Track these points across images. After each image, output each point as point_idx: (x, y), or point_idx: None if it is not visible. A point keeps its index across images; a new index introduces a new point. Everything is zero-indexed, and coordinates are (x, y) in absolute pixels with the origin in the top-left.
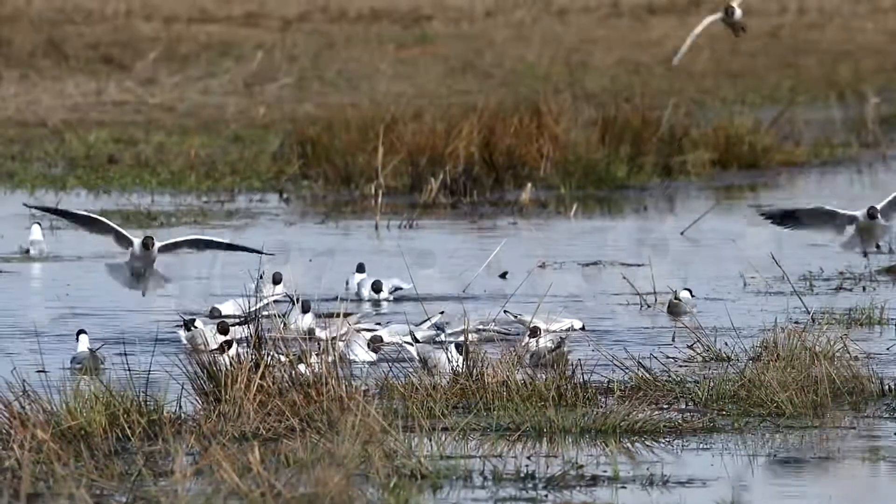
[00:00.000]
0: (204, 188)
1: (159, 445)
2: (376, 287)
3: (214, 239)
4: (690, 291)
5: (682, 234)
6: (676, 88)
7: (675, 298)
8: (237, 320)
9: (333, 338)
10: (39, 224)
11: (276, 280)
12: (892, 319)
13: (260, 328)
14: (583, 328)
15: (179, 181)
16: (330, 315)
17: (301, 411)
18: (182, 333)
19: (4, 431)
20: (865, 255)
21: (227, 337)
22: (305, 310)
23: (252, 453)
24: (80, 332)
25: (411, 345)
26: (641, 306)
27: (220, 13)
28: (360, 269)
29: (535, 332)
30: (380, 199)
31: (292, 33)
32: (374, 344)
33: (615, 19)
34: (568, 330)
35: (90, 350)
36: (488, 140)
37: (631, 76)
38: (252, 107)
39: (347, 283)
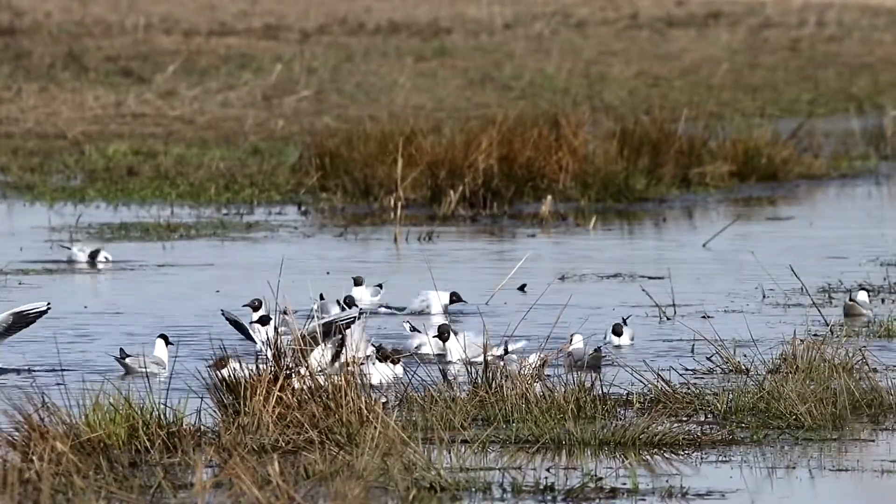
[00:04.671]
0: (223, 200)
1: (179, 458)
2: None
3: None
4: (868, 291)
5: (704, 245)
6: (695, 101)
7: (851, 300)
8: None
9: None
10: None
11: (256, 308)
12: None
13: (279, 340)
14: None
15: (199, 193)
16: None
17: (320, 423)
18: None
19: (24, 443)
20: None
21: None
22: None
23: (271, 465)
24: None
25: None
26: (661, 318)
27: (240, 26)
28: (358, 282)
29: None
30: (399, 212)
31: (311, 46)
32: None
33: (634, 31)
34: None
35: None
36: (507, 152)
37: (650, 88)
38: (271, 119)
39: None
